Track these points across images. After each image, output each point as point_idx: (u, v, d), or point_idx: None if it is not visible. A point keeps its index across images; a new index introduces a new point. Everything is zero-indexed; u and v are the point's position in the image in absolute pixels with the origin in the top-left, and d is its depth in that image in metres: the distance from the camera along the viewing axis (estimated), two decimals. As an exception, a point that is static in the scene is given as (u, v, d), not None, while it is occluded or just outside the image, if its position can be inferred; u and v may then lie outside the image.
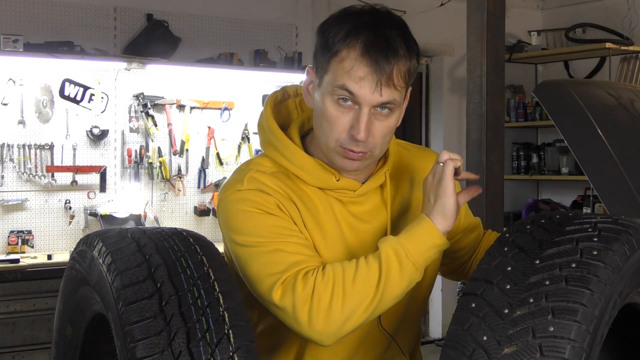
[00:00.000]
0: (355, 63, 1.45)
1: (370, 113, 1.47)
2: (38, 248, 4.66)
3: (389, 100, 1.47)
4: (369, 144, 1.49)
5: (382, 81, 1.44)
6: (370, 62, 1.44)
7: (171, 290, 1.31)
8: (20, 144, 4.61)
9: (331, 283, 1.41)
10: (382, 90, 1.45)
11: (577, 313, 1.17)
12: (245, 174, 1.56)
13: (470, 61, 3.96)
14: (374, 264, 1.43)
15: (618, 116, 2.86)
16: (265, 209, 1.50)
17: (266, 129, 1.62)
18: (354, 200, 1.59)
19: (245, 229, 1.50)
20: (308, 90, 1.57)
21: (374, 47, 1.44)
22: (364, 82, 1.44)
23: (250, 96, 5.32)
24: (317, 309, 1.40)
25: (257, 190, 1.51)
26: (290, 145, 1.58)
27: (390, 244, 1.45)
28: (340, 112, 1.48)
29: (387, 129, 1.51)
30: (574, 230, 1.28)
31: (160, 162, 5.02)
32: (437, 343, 6.22)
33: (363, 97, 1.45)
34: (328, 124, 1.50)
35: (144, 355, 1.24)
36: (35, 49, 4.49)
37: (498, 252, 1.30)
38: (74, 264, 1.57)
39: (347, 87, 1.45)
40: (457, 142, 6.18)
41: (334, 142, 1.50)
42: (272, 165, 1.59)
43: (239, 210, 1.51)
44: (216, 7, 5.28)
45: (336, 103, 1.48)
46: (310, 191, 1.57)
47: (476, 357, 1.19)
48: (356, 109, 1.47)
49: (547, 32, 6.66)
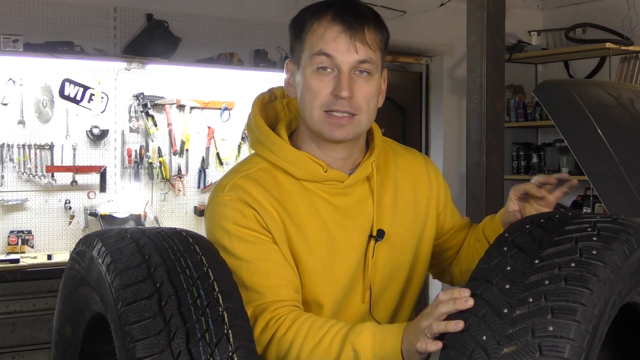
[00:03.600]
0: (328, 26, 1.53)
1: (350, 75, 1.53)
2: (38, 248, 4.66)
3: (364, 59, 1.53)
4: (353, 103, 1.54)
5: (356, 38, 1.52)
6: (341, 22, 1.52)
7: (170, 290, 1.31)
8: (20, 144, 4.61)
9: (288, 344, 1.44)
10: (357, 47, 1.52)
11: (576, 312, 1.17)
12: (230, 179, 1.59)
13: (470, 61, 3.96)
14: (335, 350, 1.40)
15: (618, 116, 2.87)
16: (243, 226, 1.53)
17: (254, 127, 1.65)
18: (342, 191, 1.61)
19: (223, 246, 1.54)
20: (290, 84, 1.63)
21: (344, 12, 1.53)
22: (338, 42, 1.52)
23: (250, 96, 5.27)
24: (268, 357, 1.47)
25: (237, 199, 1.54)
26: (278, 140, 1.61)
27: (360, 345, 1.38)
28: (320, 81, 1.54)
29: (369, 92, 1.56)
30: (573, 230, 1.28)
31: (160, 162, 5.02)
32: (437, 343, 6.20)
33: (340, 57, 1.52)
34: (311, 94, 1.55)
35: (144, 355, 1.24)
36: (35, 49, 4.49)
37: (497, 251, 1.30)
38: (74, 264, 1.57)
39: (324, 50, 1.52)
40: (457, 142, 6.18)
41: (318, 109, 1.55)
42: (260, 161, 1.62)
43: (220, 226, 1.55)
44: (216, 7, 5.28)
45: (316, 72, 1.54)
46: (295, 192, 1.59)
47: (476, 357, 1.19)
48: (336, 74, 1.53)
49: (547, 32, 6.66)
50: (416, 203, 1.71)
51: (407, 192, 1.70)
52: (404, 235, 1.67)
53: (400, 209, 1.68)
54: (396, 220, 1.67)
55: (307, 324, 1.45)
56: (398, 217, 1.67)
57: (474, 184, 3.94)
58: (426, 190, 1.74)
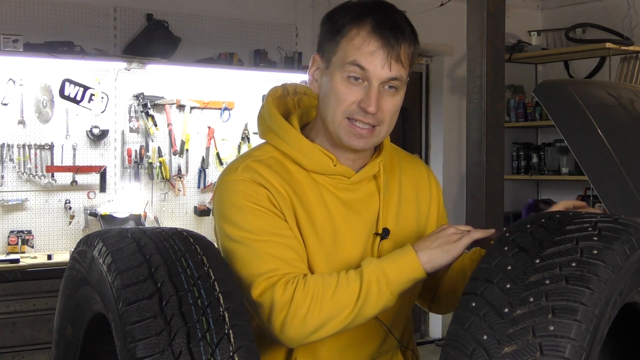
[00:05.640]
0: (366, 39, 1.52)
1: (379, 89, 1.54)
2: (38, 248, 4.66)
3: (396, 76, 1.54)
4: (378, 117, 1.55)
5: (392, 56, 1.52)
6: (380, 38, 1.52)
7: (171, 290, 1.31)
8: (20, 144, 4.61)
9: (310, 296, 1.47)
10: (392, 65, 1.52)
11: (577, 312, 1.17)
12: (242, 161, 1.60)
13: (470, 61, 3.96)
14: (354, 283, 1.48)
15: (618, 116, 2.87)
16: (256, 203, 1.54)
17: (267, 117, 1.66)
18: (348, 187, 1.63)
19: (235, 222, 1.54)
20: (314, 77, 1.63)
21: (383, 25, 1.53)
22: (374, 57, 1.52)
23: (250, 96, 5.32)
24: (292, 318, 1.46)
25: (251, 180, 1.55)
26: (290, 130, 1.63)
27: (373, 270, 1.50)
28: (349, 89, 1.54)
29: (394, 107, 1.57)
30: (574, 230, 1.28)
31: (160, 162, 5.02)
32: (437, 343, 6.21)
33: (373, 71, 1.52)
34: (336, 99, 1.55)
35: (144, 355, 1.24)
36: (35, 49, 4.49)
37: (498, 251, 1.30)
38: (75, 263, 1.57)
39: (359, 62, 1.52)
40: (457, 142, 6.18)
41: (341, 116, 1.55)
42: (271, 150, 1.63)
43: (232, 203, 1.55)
44: (216, 7, 5.28)
45: (346, 80, 1.54)
46: (304, 181, 1.60)
47: (476, 356, 1.19)
48: (365, 86, 1.54)
49: (547, 32, 6.66)
50: (419, 206, 1.74)
51: (410, 195, 1.73)
52: (406, 235, 1.68)
53: (404, 210, 1.70)
54: (400, 220, 1.69)
55: (319, 278, 1.49)
56: (402, 217, 1.69)
57: (474, 184, 3.95)
58: (427, 197, 1.77)
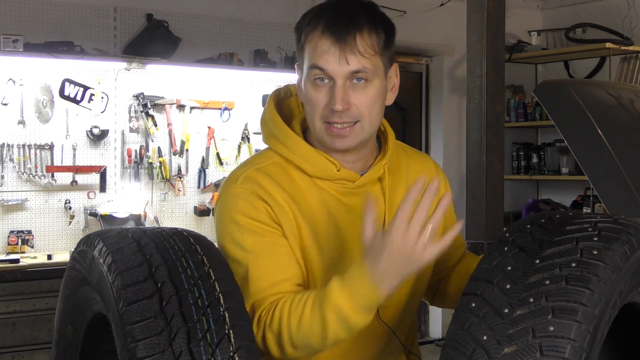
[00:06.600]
0: (319, 40, 1.51)
1: (346, 85, 1.52)
2: (38, 248, 4.66)
3: (358, 69, 1.51)
4: (352, 113, 1.52)
5: (346, 49, 1.50)
6: (331, 35, 1.50)
7: (172, 290, 1.31)
8: (20, 144, 4.61)
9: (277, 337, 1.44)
10: (348, 59, 1.50)
11: (577, 313, 1.17)
12: (244, 171, 1.59)
13: (470, 61, 3.96)
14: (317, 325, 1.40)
15: (618, 116, 2.87)
16: (254, 218, 1.52)
17: (269, 122, 1.65)
18: (353, 191, 1.61)
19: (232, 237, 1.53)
20: (299, 87, 1.63)
21: (335, 22, 1.51)
22: (329, 55, 1.50)
23: (250, 96, 5.32)
24: (274, 352, 1.46)
25: (250, 192, 1.54)
26: (293, 136, 1.61)
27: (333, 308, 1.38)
28: (318, 92, 1.53)
29: (369, 99, 1.54)
30: (574, 230, 1.28)
31: (160, 162, 5.02)
32: (437, 343, 6.21)
33: (332, 69, 1.51)
34: (311, 105, 1.55)
35: (145, 355, 1.24)
36: (35, 49, 4.49)
37: (498, 251, 1.30)
38: (75, 263, 1.57)
39: (317, 64, 1.52)
40: (457, 142, 6.18)
41: (318, 121, 1.55)
42: (274, 155, 1.62)
43: (230, 218, 1.54)
44: (216, 7, 5.28)
45: (313, 84, 1.54)
46: (307, 189, 1.59)
47: (476, 357, 1.19)
48: (331, 84, 1.52)
49: (547, 32, 6.66)
50: None
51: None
52: None
53: None
54: None
55: (287, 303, 1.45)
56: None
57: (474, 184, 3.95)
58: (435, 196, 1.73)
